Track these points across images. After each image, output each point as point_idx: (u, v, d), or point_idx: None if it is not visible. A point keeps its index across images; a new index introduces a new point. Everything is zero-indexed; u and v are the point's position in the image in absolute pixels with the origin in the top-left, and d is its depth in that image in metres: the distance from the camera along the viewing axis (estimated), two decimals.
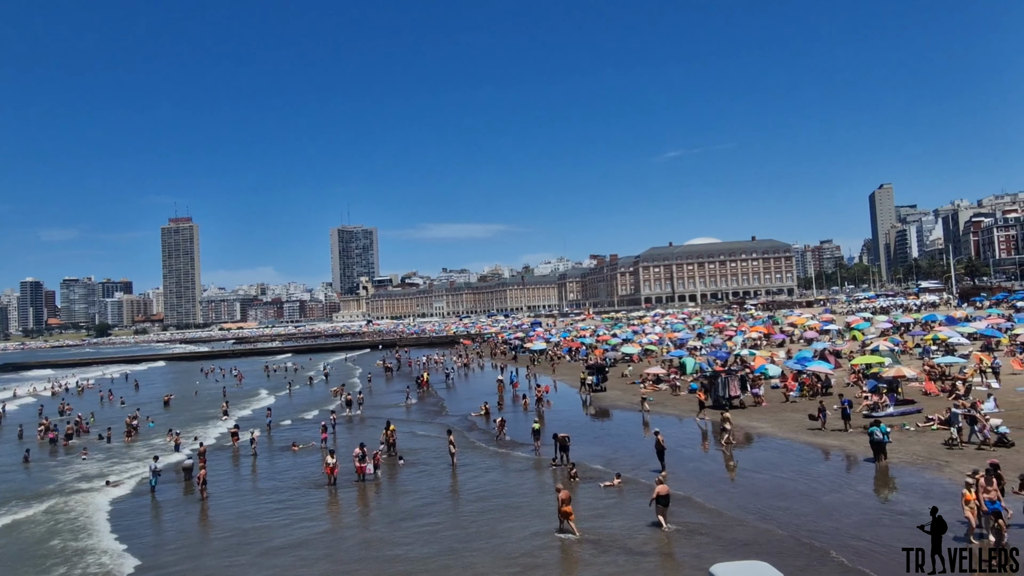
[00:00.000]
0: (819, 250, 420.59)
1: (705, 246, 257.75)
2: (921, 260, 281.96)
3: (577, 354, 75.61)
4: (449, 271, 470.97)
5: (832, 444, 27.65)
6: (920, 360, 44.11)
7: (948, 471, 22.41)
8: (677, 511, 21.00)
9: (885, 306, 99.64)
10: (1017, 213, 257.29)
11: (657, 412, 38.38)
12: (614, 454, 29.03)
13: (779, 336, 67.46)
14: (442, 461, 29.03)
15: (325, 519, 22.71)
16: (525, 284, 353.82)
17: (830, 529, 18.24)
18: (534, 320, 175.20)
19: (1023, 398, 32.22)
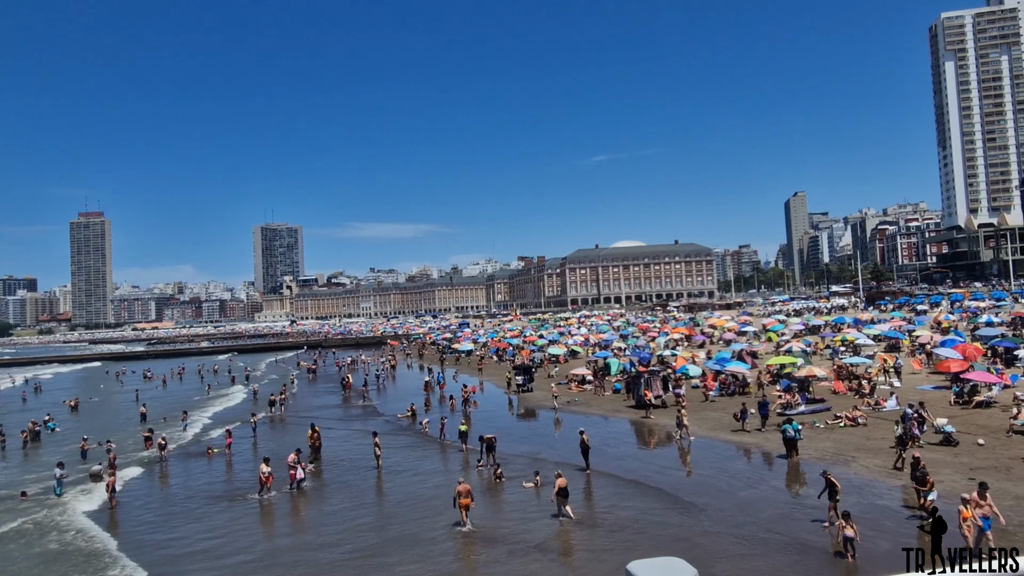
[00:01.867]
0: (738, 254, 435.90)
1: (630, 249, 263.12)
2: (832, 265, 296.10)
3: (504, 355, 75.94)
4: (377, 271, 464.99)
5: (749, 442, 28.73)
6: (830, 360, 46.27)
7: (855, 466, 23.65)
8: (600, 509, 21.44)
9: (798, 309, 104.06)
10: (918, 222, 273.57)
11: (582, 412, 38.98)
12: (539, 454, 29.33)
13: (700, 337, 69.54)
14: (368, 464, 28.65)
15: (232, 529, 21.95)
16: (453, 285, 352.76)
17: (746, 523, 18.97)
18: (462, 321, 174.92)
19: (922, 396, 34.25)
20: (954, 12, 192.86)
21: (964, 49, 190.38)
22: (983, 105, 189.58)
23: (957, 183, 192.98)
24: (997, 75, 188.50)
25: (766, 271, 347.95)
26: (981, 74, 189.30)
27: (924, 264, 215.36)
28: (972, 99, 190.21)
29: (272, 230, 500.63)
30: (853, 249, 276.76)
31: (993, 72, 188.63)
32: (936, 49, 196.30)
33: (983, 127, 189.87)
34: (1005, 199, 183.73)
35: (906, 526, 17.94)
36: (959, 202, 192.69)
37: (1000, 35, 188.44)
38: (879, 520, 18.45)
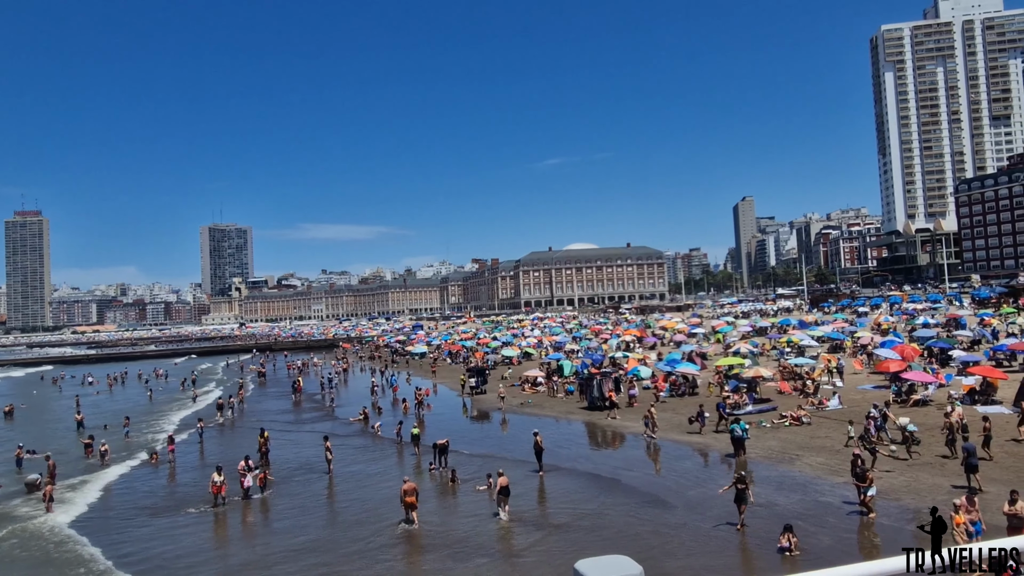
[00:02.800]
0: (688, 257, 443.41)
1: (583, 252, 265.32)
2: (778, 268, 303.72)
3: (458, 357, 75.82)
4: (329, 273, 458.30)
5: (698, 442, 29.29)
6: (776, 361, 47.48)
7: (799, 464, 24.34)
8: (552, 510, 21.62)
9: (746, 311, 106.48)
10: (859, 227, 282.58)
11: (535, 414, 39.19)
12: (493, 455, 29.38)
13: (651, 339, 70.57)
14: (319, 469, 28.27)
15: (178, 542, 21.43)
16: (407, 287, 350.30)
17: (695, 521, 19.37)
18: (416, 323, 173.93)
19: (862, 395, 35.44)
20: (894, 25, 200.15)
21: (903, 61, 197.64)
22: (920, 115, 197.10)
23: (896, 190, 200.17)
24: (933, 86, 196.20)
25: (715, 274, 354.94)
26: (918, 85, 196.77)
27: (865, 268, 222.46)
28: (910, 109, 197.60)
29: (220, 231, 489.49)
30: (798, 253, 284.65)
31: (929, 83, 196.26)
32: (877, 60, 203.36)
33: (920, 136, 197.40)
34: (941, 205, 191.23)
35: (847, 521, 18.56)
36: (898, 208, 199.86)
37: (936, 48, 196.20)
38: (822, 516, 19.04)
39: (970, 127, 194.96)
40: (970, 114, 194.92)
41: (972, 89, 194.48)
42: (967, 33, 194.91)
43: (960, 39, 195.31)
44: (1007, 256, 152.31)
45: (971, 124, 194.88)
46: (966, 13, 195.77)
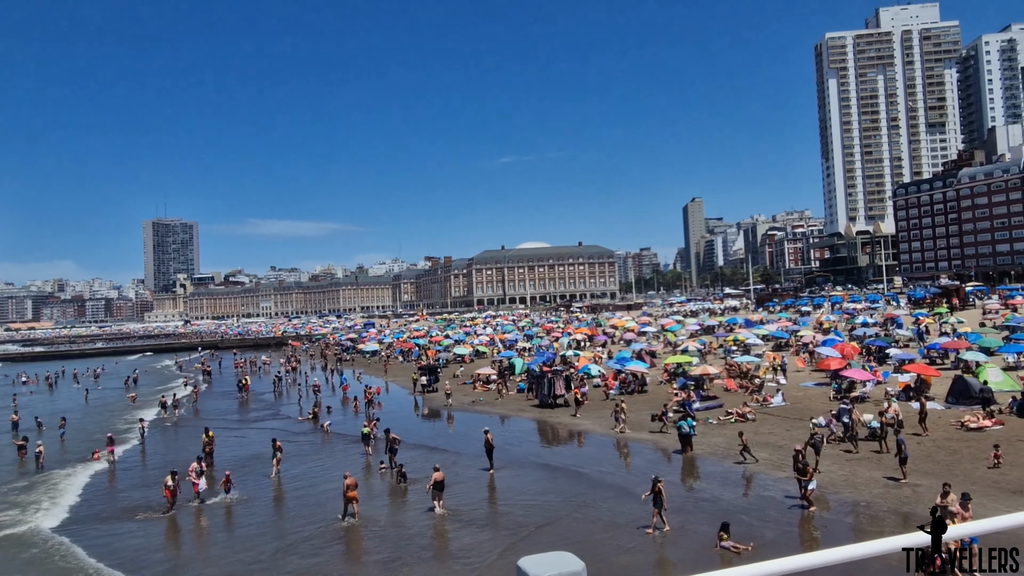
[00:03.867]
0: (639, 257, 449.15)
1: (535, 250, 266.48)
2: (726, 268, 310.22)
3: (410, 355, 75.40)
4: (278, 270, 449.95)
5: (646, 439, 29.75)
6: (723, 359, 48.52)
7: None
8: (502, 507, 21.71)
9: (694, 310, 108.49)
10: (803, 228, 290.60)
11: (487, 412, 39.26)
12: (444, 454, 29.33)
13: (602, 337, 71.32)
14: (266, 469, 27.76)
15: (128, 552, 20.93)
16: (359, 284, 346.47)
17: (643, 517, 19.66)
18: (367, 321, 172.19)
19: (804, 392, 36.53)
20: (837, 33, 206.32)
21: (845, 68, 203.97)
22: (861, 120, 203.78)
23: (838, 193, 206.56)
24: (874, 93, 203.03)
25: (665, 273, 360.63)
26: (860, 92, 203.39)
27: (809, 268, 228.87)
28: (852, 115, 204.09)
29: (165, 225, 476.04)
30: (745, 253, 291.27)
31: (870, 90, 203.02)
32: (821, 67, 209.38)
33: (861, 141, 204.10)
34: (880, 208, 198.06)
35: (789, 515, 19.11)
36: (840, 211, 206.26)
37: (877, 56, 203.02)
38: (765, 510, 19.58)
39: (908, 133, 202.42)
40: (908, 121, 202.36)
41: (910, 97, 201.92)
42: (905, 43, 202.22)
43: (899, 49, 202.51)
44: (941, 258, 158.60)
45: (909, 130, 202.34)
46: (905, 24, 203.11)
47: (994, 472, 21.03)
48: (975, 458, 22.61)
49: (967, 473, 21.13)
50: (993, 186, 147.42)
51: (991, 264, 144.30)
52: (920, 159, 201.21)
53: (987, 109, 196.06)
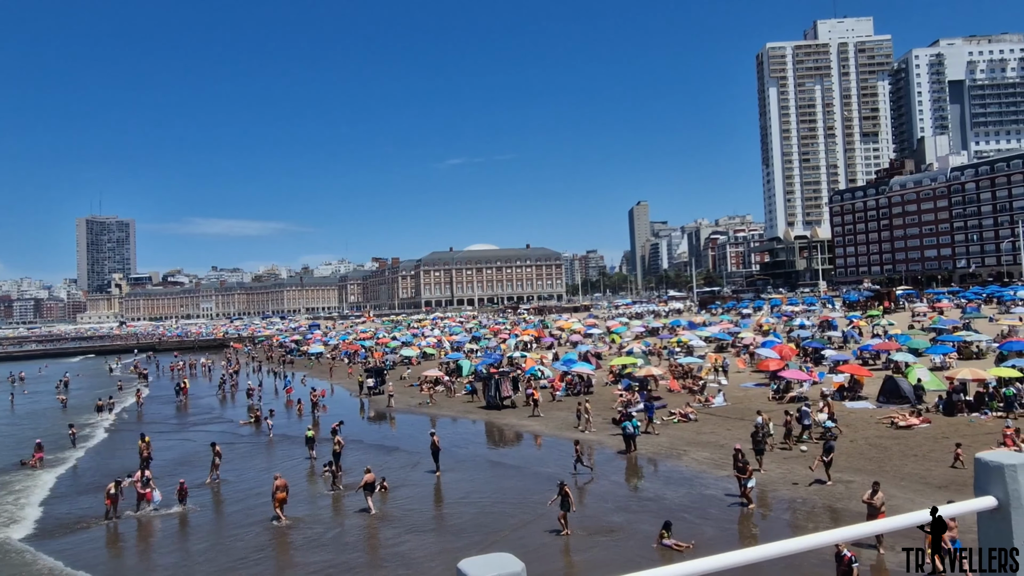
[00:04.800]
0: (585, 259, 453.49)
1: (483, 252, 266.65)
2: (670, 271, 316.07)
3: (356, 357, 74.53)
4: (220, 270, 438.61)
5: (591, 439, 30.07)
6: (666, 361, 49.42)
7: (686, 459, 25.48)
8: (447, 510, 21.69)
9: (639, 312, 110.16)
10: (744, 232, 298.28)
11: (433, 413, 39.11)
12: (390, 456, 29.12)
13: (548, 339, 71.81)
14: (203, 475, 27.06)
15: None
16: (304, 285, 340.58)
17: (587, 517, 19.92)
18: (312, 322, 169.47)
19: (745, 393, 37.49)
20: (777, 43, 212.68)
21: (785, 77, 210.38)
22: (800, 129, 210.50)
23: (778, 198, 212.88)
24: (812, 102, 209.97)
25: (611, 276, 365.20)
26: (799, 101, 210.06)
27: (749, 271, 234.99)
28: (791, 123, 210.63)
29: (99, 223, 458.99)
30: (689, 257, 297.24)
31: (808, 100, 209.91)
32: (762, 75, 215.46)
33: (799, 149, 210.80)
34: (817, 214, 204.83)
35: (729, 512, 19.61)
36: (779, 215, 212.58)
37: (815, 67, 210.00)
38: (705, 509, 20.05)
39: (843, 142, 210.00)
40: (843, 130, 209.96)
41: (845, 107, 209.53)
42: (842, 55, 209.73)
43: (835, 60, 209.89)
44: (874, 263, 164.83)
45: (844, 139, 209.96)
46: (841, 36, 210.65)
47: (920, 468, 21.99)
48: (904, 455, 23.60)
49: (896, 469, 22.04)
50: (922, 194, 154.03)
51: (920, 269, 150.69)
52: (855, 167, 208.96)
53: (917, 120, 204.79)
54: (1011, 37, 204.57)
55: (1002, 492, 2.41)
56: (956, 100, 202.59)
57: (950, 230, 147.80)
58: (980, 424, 26.43)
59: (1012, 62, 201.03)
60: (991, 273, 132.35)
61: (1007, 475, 2.41)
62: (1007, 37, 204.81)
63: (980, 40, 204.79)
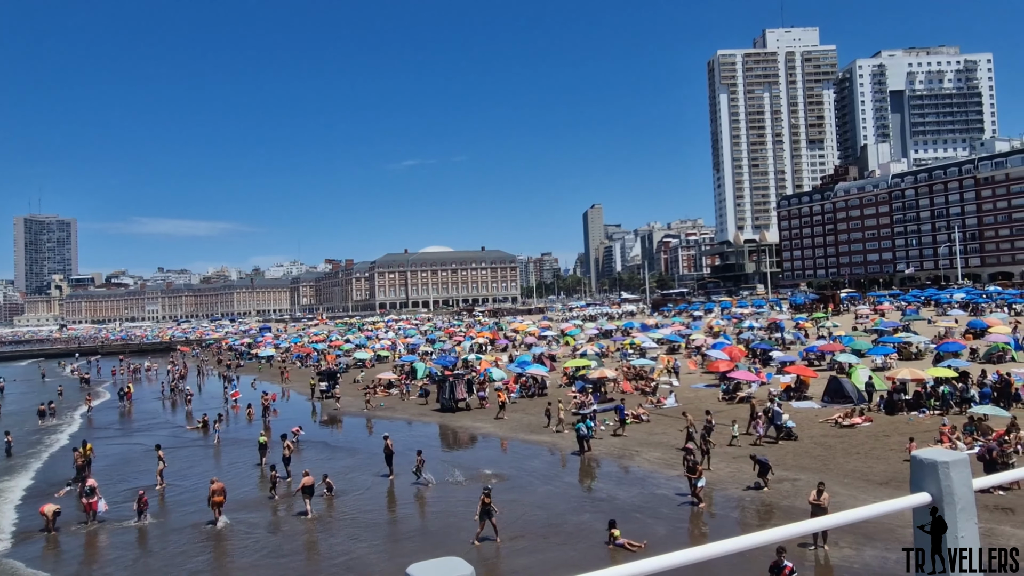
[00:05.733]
0: (540, 262, 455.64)
1: (439, 254, 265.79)
2: (624, 274, 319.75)
3: (309, 360, 73.47)
4: (166, 271, 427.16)
5: (546, 441, 30.23)
6: (620, 362, 49.94)
7: (638, 459, 25.79)
8: (401, 513, 21.52)
9: (593, 314, 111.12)
10: (696, 236, 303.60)
11: (387, 416, 38.80)
12: (342, 460, 28.76)
13: (503, 341, 71.90)
14: (149, 480, 26.28)
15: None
16: (255, 287, 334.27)
17: (543, 518, 20.00)
18: (263, 325, 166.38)
19: (695, 393, 38.13)
20: (728, 51, 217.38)
21: (735, 84, 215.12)
22: (749, 135, 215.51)
23: (728, 202, 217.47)
24: (761, 109, 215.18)
25: (566, 278, 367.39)
26: (748, 108, 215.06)
27: (701, 275, 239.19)
28: (741, 129, 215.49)
29: (38, 222, 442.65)
30: (642, 259, 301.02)
31: (758, 107, 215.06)
32: (713, 82, 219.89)
33: (749, 154, 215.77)
34: (765, 218, 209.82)
35: (680, 512, 19.92)
36: (729, 219, 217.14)
37: (764, 75, 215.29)
38: (657, 508, 20.32)
39: (791, 148, 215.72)
40: (791, 137, 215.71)
41: (792, 114, 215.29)
42: (789, 64, 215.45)
43: (783, 68, 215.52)
44: (819, 266, 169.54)
45: (791, 146, 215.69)
46: (789, 45, 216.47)
47: (863, 465, 22.68)
48: (847, 453, 24.30)
49: (840, 467, 22.69)
50: (865, 200, 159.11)
51: (863, 272, 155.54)
52: (801, 173, 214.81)
53: (860, 128, 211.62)
54: (948, 50, 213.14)
55: (935, 488, 2.50)
56: (897, 109, 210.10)
57: (891, 235, 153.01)
58: (919, 422, 27.39)
59: (949, 74, 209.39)
60: (929, 277, 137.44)
61: (940, 472, 2.50)
62: (944, 50, 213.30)
63: (919, 52, 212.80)
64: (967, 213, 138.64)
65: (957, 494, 2.48)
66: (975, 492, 2.59)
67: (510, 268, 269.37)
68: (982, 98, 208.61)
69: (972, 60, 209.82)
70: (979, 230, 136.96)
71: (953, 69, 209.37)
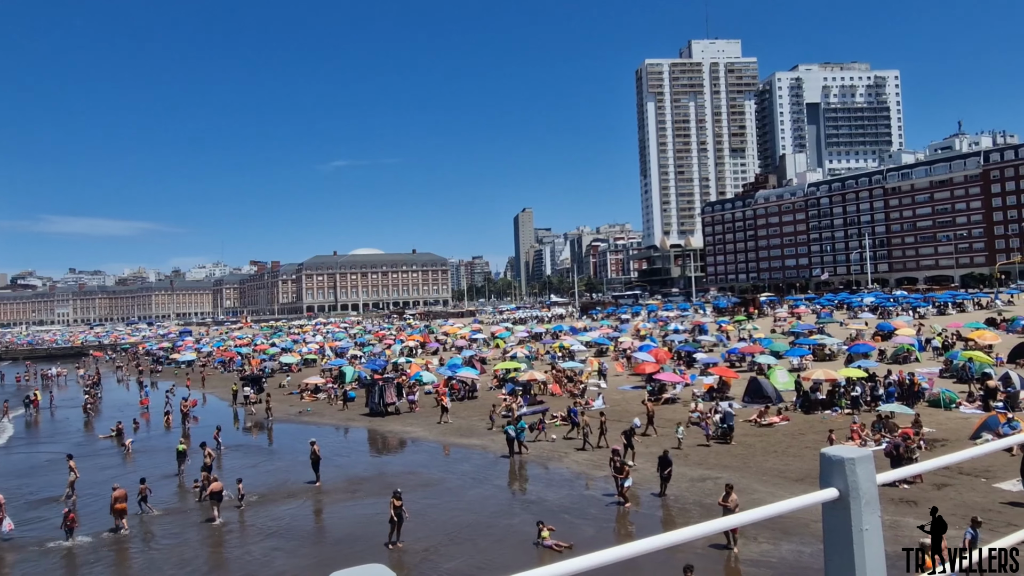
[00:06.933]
0: (471, 265, 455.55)
1: (369, 257, 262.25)
2: (553, 277, 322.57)
3: (232, 365, 71.20)
4: (79, 272, 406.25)
5: (475, 443, 30.20)
6: (549, 365, 50.38)
7: (567, 461, 26.06)
8: (328, 522, 21.10)
9: (523, 317, 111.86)
10: (624, 240, 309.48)
11: (314, 422, 37.97)
12: (266, 467, 28.01)
13: (434, 344, 71.50)
14: (58, 492, 24.90)
15: None
16: (175, 289, 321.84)
17: (472, 521, 19.96)
18: (184, 328, 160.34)
19: (623, 395, 38.82)
20: (656, 60, 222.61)
21: (662, 93, 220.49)
22: (675, 143, 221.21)
23: (654, 208, 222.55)
24: (686, 118, 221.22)
25: (496, 281, 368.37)
26: (674, 116, 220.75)
27: (628, 278, 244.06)
28: (667, 137, 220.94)
29: None
30: (572, 263, 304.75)
31: (683, 115, 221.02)
32: (641, 90, 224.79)
33: (675, 161, 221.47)
34: (690, 224, 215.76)
35: (607, 512, 20.23)
36: (656, 225, 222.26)
37: (689, 84, 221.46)
38: (585, 509, 20.59)
39: (714, 156, 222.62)
40: (714, 145, 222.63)
41: (716, 123, 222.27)
42: (713, 74, 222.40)
43: (708, 79, 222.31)
44: (741, 271, 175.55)
45: (715, 154, 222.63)
46: (713, 57, 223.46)
47: (780, 463, 23.57)
48: (766, 451, 25.21)
49: (759, 465, 23.51)
50: (783, 207, 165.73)
51: (781, 277, 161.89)
52: (724, 180, 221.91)
53: (779, 138, 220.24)
54: (859, 66, 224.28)
55: (843, 484, 2.61)
56: (813, 121, 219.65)
57: (807, 241, 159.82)
58: (832, 420, 28.66)
59: (860, 88, 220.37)
60: (842, 281, 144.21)
61: (847, 468, 2.61)
62: (856, 65, 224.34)
63: (834, 67, 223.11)
64: (876, 221, 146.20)
65: (862, 489, 2.59)
66: (880, 486, 2.71)
67: (441, 271, 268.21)
68: (890, 112, 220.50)
69: (881, 76, 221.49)
70: (887, 237, 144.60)
71: (864, 84, 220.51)
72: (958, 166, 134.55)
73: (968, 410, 28.47)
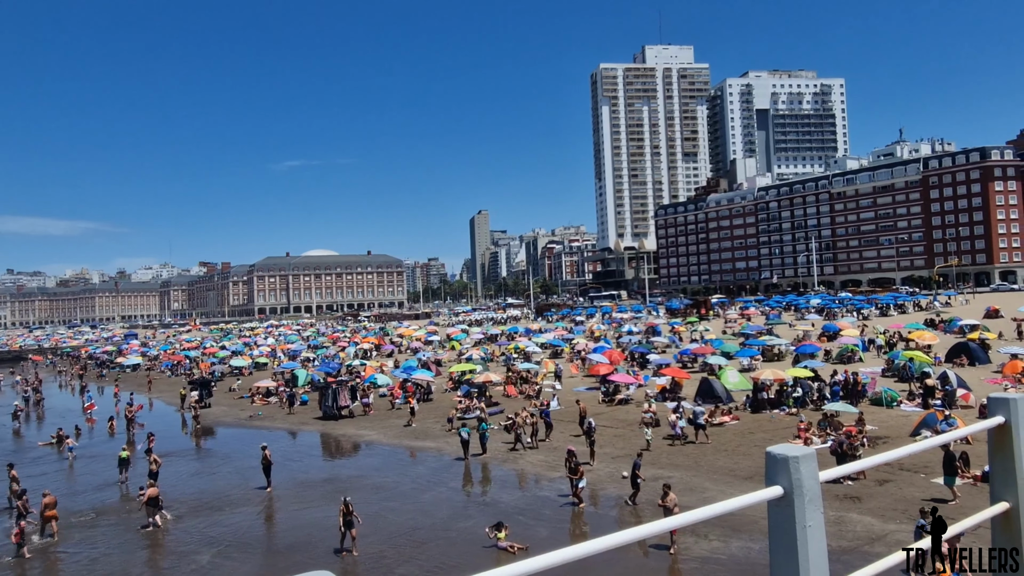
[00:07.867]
0: (427, 267, 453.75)
1: (322, 258, 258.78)
2: (509, 279, 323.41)
3: (180, 368, 69.42)
4: (17, 273, 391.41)
5: (430, 446, 30.02)
6: (504, 367, 50.42)
7: (522, 463, 26.10)
8: (278, 529, 20.73)
9: (479, 319, 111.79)
10: (579, 242, 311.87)
11: (266, 427, 37.27)
12: (216, 473, 27.38)
13: (388, 347, 70.90)
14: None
15: None
16: (119, 291, 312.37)
17: (426, 524, 19.84)
18: (129, 331, 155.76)
19: (577, 396, 39.04)
20: (610, 65, 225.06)
21: (616, 97, 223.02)
22: (629, 146, 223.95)
23: (609, 211, 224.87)
24: (640, 122, 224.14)
25: (452, 283, 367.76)
26: (628, 120, 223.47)
27: (583, 280, 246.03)
28: (621, 140, 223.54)
29: None
30: (527, 265, 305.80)
31: (637, 119, 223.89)
32: (596, 94, 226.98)
33: (629, 165, 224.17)
34: (644, 227, 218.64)
35: (561, 512, 20.34)
36: (610, 227, 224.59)
37: (643, 89, 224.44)
38: (539, 510, 20.65)
39: (667, 160, 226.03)
40: (667, 149, 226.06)
41: (669, 128, 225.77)
42: (666, 79, 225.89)
43: (661, 84, 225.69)
44: (693, 273, 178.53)
45: (668, 158, 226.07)
46: (666, 62, 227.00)
47: (730, 462, 24.03)
48: (716, 450, 25.67)
49: (710, 464, 23.93)
50: (733, 211, 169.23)
51: (732, 279, 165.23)
52: (677, 184, 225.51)
53: (730, 143, 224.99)
54: (807, 73, 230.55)
55: (787, 482, 2.67)
56: (762, 127, 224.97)
57: (757, 244, 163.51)
58: (779, 419, 29.34)
59: (807, 96, 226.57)
60: (790, 283, 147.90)
61: (791, 466, 2.67)
62: (803, 73, 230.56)
63: (782, 74, 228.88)
64: (823, 225, 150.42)
65: (806, 486, 2.65)
66: (824, 483, 2.78)
67: (396, 273, 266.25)
68: (836, 119, 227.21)
69: (827, 84, 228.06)
70: (833, 240, 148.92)
71: (811, 91, 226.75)
72: (899, 172, 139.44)
73: (908, 408, 29.47)
